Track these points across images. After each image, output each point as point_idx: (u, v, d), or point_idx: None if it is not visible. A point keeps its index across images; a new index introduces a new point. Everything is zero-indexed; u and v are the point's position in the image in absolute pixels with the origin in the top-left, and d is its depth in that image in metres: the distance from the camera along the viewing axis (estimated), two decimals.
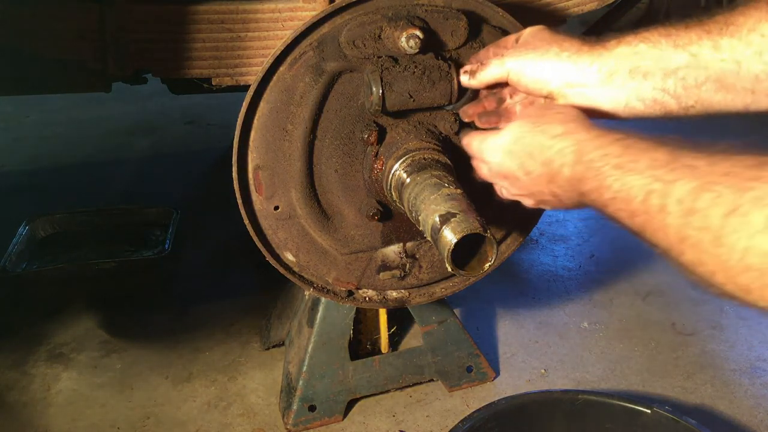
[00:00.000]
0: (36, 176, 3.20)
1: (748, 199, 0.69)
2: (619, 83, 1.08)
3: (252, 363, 1.95)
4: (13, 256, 2.31)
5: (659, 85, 1.05)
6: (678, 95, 1.04)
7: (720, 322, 2.11)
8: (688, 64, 1.02)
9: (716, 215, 0.71)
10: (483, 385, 1.86)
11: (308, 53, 1.31)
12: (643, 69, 1.06)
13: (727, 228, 0.70)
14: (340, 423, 1.74)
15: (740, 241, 0.69)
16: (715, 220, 0.71)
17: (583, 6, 1.71)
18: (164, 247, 2.38)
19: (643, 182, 0.83)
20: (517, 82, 1.19)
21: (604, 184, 0.89)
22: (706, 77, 1.01)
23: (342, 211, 1.44)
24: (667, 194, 0.79)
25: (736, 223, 0.69)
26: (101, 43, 1.46)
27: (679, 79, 1.03)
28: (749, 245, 0.68)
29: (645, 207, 0.82)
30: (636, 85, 1.07)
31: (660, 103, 1.06)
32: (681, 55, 1.02)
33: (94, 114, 3.96)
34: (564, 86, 1.13)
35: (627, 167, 0.87)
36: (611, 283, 2.34)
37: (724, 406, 1.78)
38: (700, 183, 0.75)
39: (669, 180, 0.79)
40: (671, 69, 1.03)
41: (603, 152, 0.92)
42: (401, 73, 1.29)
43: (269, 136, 1.35)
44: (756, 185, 0.69)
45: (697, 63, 1.01)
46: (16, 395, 1.83)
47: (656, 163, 0.83)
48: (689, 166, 0.78)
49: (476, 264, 1.16)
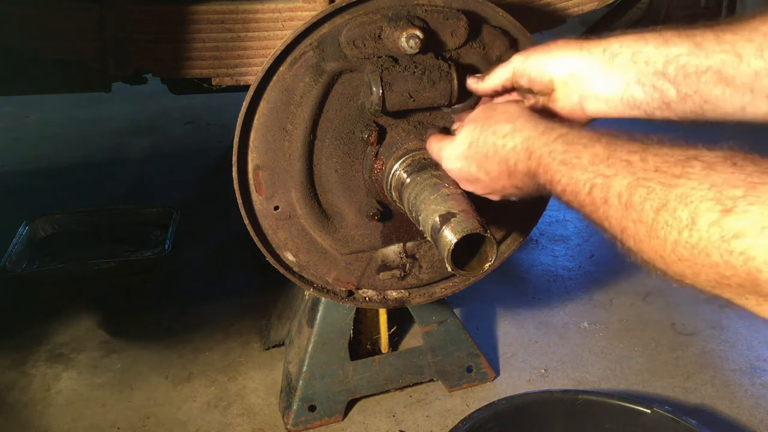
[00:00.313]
0: (36, 176, 3.20)
1: (674, 196, 0.75)
2: (620, 65, 1.09)
3: (252, 363, 1.95)
4: (13, 256, 2.31)
5: (660, 69, 1.05)
6: (678, 82, 1.04)
7: (720, 322, 2.11)
8: (690, 51, 1.03)
9: (649, 210, 0.78)
10: (483, 385, 1.86)
11: (308, 53, 1.31)
12: (645, 54, 1.07)
13: (659, 222, 0.77)
14: (340, 423, 1.74)
15: (671, 234, 0.75)
16: (649, 215, 0.78)
17: (583, 6, 1.71)
18: (164, 247, 2.38)
19: (587, 176, 0.90)
20: (521, 78, 1.20)
21: (555, 178, 0.96)
22: (707, 66, 1.01)
23: (342, 211, 1.44)
24: (608, 188, 0.86)
25: (666, 217, 0.76)
26: (101, 43, 1.46)
27: (680, 66, 1.03)
28: (678, 239, 0.74)
29: (590, 199, 0.89)
30: (638, 69, 1.07)
31: (659, 90, 1.06)
32: (684, 43, 1.03)
33: (94, 114, 3.96)
34: (567, 75, 1.14)
35: (571, 163, 0.94)
36: (611, 283, 2.34)
37: (724, 406, 1.78)
38: (635, 179, 0.82)
39: (608, 175, 0.86)
40: (673, 56, 1.04)
41: (549, 149, 0.99)
42: (401, 73, 1.29)
43: (269, 136, 1.35)
44: (681, 182, 0.75)
45: (698, 51, 1.02)
46: (16, 395, 1.84)
47: (596, 159, 0.90)
48: (625, 161, 0.85)
49: (476, 264, 1.16)
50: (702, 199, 0.72)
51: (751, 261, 0.67)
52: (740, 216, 0.68)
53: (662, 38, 1.06)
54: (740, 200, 0.68)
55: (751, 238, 0.67)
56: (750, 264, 0.67)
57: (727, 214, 0.69)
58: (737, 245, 0.68)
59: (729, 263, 0.69)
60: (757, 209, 0.67)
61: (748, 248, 0.67)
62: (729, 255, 0.69)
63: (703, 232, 0.71)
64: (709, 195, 0.71)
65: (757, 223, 0.66)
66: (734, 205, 0.69)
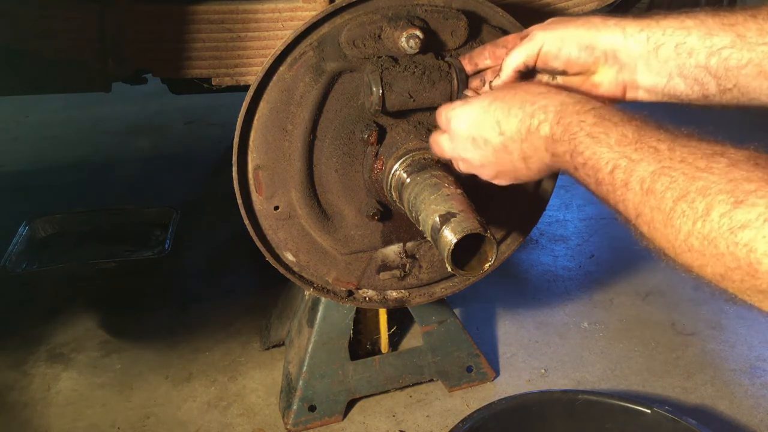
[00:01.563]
0: (36, 176, 3.20)
1: (695, 188, 0.76)
2: (664, 57, 1.07)
3: (252, 363, 1.95)
4: (13, 256, 2.31)
5: (703, 62, 1.04)
6: (719, 76, 1.03)
7: (720, 322, 2.11)
8: (732, 44, 1.01)
9: (669, 199, 0.78)
10: (483, 385, 1.86)
11: (308, 53, 1.31)
12: (688, 45, 1.04)
13: (676, 211, 0.77)
14: (340, 423, 1.74)
15: (685, 224, 0.76)
16: (668, 203, 0.78)
17: (583, 6, 1.71)
18: (164, 247, 2.38)
19: (612, 156, 0.88)
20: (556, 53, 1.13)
21: (578, 149, 0.94)
22: (748, 60, 1.00)
23: (342, 211, 1.44)
24: (631, 172, 0.85)
25: (684, 207, 0.76)
26: (101, 43, 1.46)
27: (722, 59, 1.02)
28: (692, 229, 0.75)
29: (610, 179, 0.88)
30: (681, 61, 1.05)
31: (700, 83, 1.05)
32: (727, 35, 1.02)
33: (94, 114, 3.95)
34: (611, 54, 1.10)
35: (599, 138, 0.92)
36: (611, 283, 2.34)
37: (724, 406, 1.78)
38: (660, 167, 0.81)
39: (634, 159, 0.85)
40: (716, 48, 1.02)
41: (580, 118, 0.96)
42: (401, 73, 1.29)
43: (269, 136, 1.35)
44: (704, 176, 0.76)
45: (741, 44, 1.01)
46: (16, 395, 1.83)
47: (625, 140, 0.88)
48: (653, 147, 0.84)
49: (476, 264, 1.16)
50: (719, 192, 0.72)
51: (753, 252, 0.68)
52: (748, 208, 0.69)
53: (705, 28, 1.03)
54: (752, 194, 0.69)
55: (755, 229, 0.68)
56: (751, 255, 0.68)
57: (737, 206, 0.70)
58: (743, 236, 0.69)
59: (734, 254, 0.70)
60: (764, 202, 0.68)
61: (751, 239, 0.68)
62: (735, 246, 0.70)
63: (714, 223, 0.72)
64: (726, 188, 0.72)
65: (762, 216, 0.68)
66: (745, 197, 0.70)
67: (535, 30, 1.15)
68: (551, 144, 1.00)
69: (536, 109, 1.02)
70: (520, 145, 1.05)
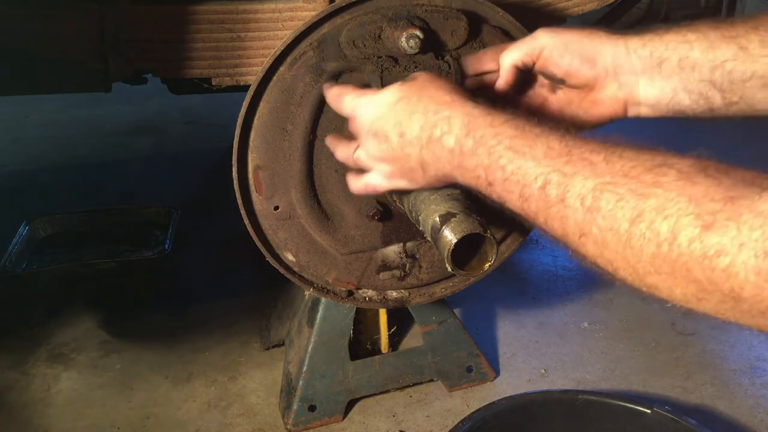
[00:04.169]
0: (36, 176, 3.20)
1: (650, 207, 0.71)
2: (667, 72, 1.05)
3: (252, 363, 1.95)
4: (13, 256, 2.31)
5: (707, 77, 1.03)
6: (724, 89, 1.02)
7: (720, 323, 2.10)
8: (735, 57, 1.00)
9: (623, 219, 0.74)
10: (483, 385, 1.86)
11: (308, 53, 1.31)
12: (691, 60, 1.03)
13: (634, 234, 0.73)
14: (340, 423, 1.74)
15: (648, 247, 0.72)
16: (623, 224, 0.74)
17: (583, 6, 1.71)
18: (164, 247, 2.38)
19: (540, 170, 0.83)
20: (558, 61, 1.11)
21: (497, 164, 0.89)
22: (752, 72, 1.00)
23: (342, 211, 1.44)
24: (566, 187, 0.80)
25: (643, 229, 0.72)
26: (101, 43, 1.46)
27: (726, 72, 1.01)
28: (657, 252, 0.71)
29: (541, 195, 0.83)
30: (684, 76, 1.04)
31: (705, 97, 1.04)
32: (730, 47, 1.01)
33: (94, 114, 3.95)
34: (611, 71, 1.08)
35: (522, 151, 0.87)
36: (611, 283, 2.33)
37: (724, 406, 1.78)
38: (601, 182, 0.77)
39: (567, 173, 0.80)
40: (719, 62, 1.01)
41: (495, 131, 0.91)
42: (401, 73, 1.29)
43: (269, 136, 1.35)
44: (656, 192, 0.72)
45: (744, 56, 1.00)
46: (16, 395, 1.83)
47: (552, 153, 0.84)
48: (586, 160, 0.80)
49: (476, 264, 1.16)
50: (681, 213, 0.69)
51: (734, 278, 0.65)
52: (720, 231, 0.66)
53: (707, 41, 1.03)
54: (718, 214, 0.67)
55: (731, 255, 0.65)
56: (732, 281, 0.66)
57: (707, 230, 0.67)
58: (719, 262, 0.66)
59: (711, 279, 0.67)
60: (735, 225, 0.65)
61: (729, 265, 0.65)
62: (711, 272, 0.67)
63: (684, 248, 0.69)
64: (689, 209, 0.69)
65: (735, 240, 0.65)
66: (714, 220, 0.67)
67: (540, 32, 1.13)
68: (457, 157, 0.96)
69: (439, 119, 0.98)
70: (420, 152, 1.02)
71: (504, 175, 0.88)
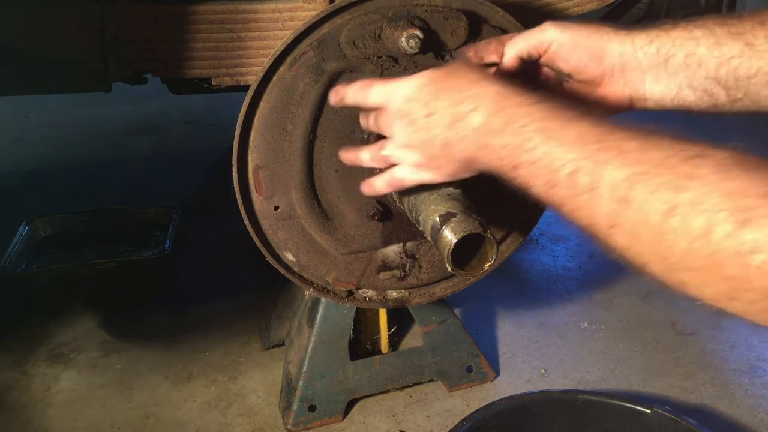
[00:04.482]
0: (36, 176, 3.20)
1: (685, 201, 0.69)
2: (673, 69, 1.05)
3: (252, 363, 1.95)
4: (13, 256, 2.31)
5: (712, 74, 1.02)
6: (729, 86, 1.02)
7: (720, 322, 2.11)
8: (741, 53, 1.00)
9: (655, 213, 0.72)
10: (483, 385, 1.86)
11: (308, 53, 1.31)
12: (698, 57, 1.03)
13: (667, 227, 0.71)
14: (340, 423, 1.74)
15: (680, 242, 0.70)
16: (655, 217, 0.72)
17: (583, 6, 1.71)
18: (164, 247, 2.38)
19: (571, 156, 0.81)
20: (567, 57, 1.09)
21: (525, 146, 0.86)
22: (757, 68, 0.99)
23: (342, 211, 1.44)
24: (598, 176, 0.78)
25: (676, 223, 0.70)
26: (101, 43, 1.46)
27: (731, 69, 1.01)
28: (689, 248, 0.69)
29: (570, 182, 0.80)
30: (690, 73, 1.04)
31: (710, 94, 1.04)
32: (736, 44, 1.00)
33: (94, 114, 3.95)
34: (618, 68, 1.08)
35: (552, 134, 0.84)
36: (611, 283, 2.34)
37: (724, 406, 1.78)
38: (634, 171, 0.74)
39: (599, 160, 0.78)
40: (725, 59, 1.01)
41: (525, 110, 0.88)
42: (401, 73, 1.29)
43: (269, 136, 1.35)
44: (691, 185, 0.69)
45: (751, 53, 0.99)
46: (16, 395, 1.83)
47: (584, 139, 0.81)
48: (619, 147, 0.77)
49: (476, 264, 1.16)
50: (717, 208, 0.67)
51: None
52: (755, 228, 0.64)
53: (714, 37, 1.02)
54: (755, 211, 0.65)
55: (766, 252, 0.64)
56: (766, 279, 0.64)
57: (742, 226, 0.65)
58: (753, 259, 0.64)
59: (745, 277, 0.66)
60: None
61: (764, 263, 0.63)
62: (745, 269, 0.65)
63: (718, 244, 0.67)
64: (724, 204, 0.66)
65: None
66: (750, 216, 0.65)
67: (548, 25, 1.11)
68: (483, 136, 0.92)
69: (466, 97, 0.95)
70: (444, 132, 0.99)
71: (531, 158, 0.85)
